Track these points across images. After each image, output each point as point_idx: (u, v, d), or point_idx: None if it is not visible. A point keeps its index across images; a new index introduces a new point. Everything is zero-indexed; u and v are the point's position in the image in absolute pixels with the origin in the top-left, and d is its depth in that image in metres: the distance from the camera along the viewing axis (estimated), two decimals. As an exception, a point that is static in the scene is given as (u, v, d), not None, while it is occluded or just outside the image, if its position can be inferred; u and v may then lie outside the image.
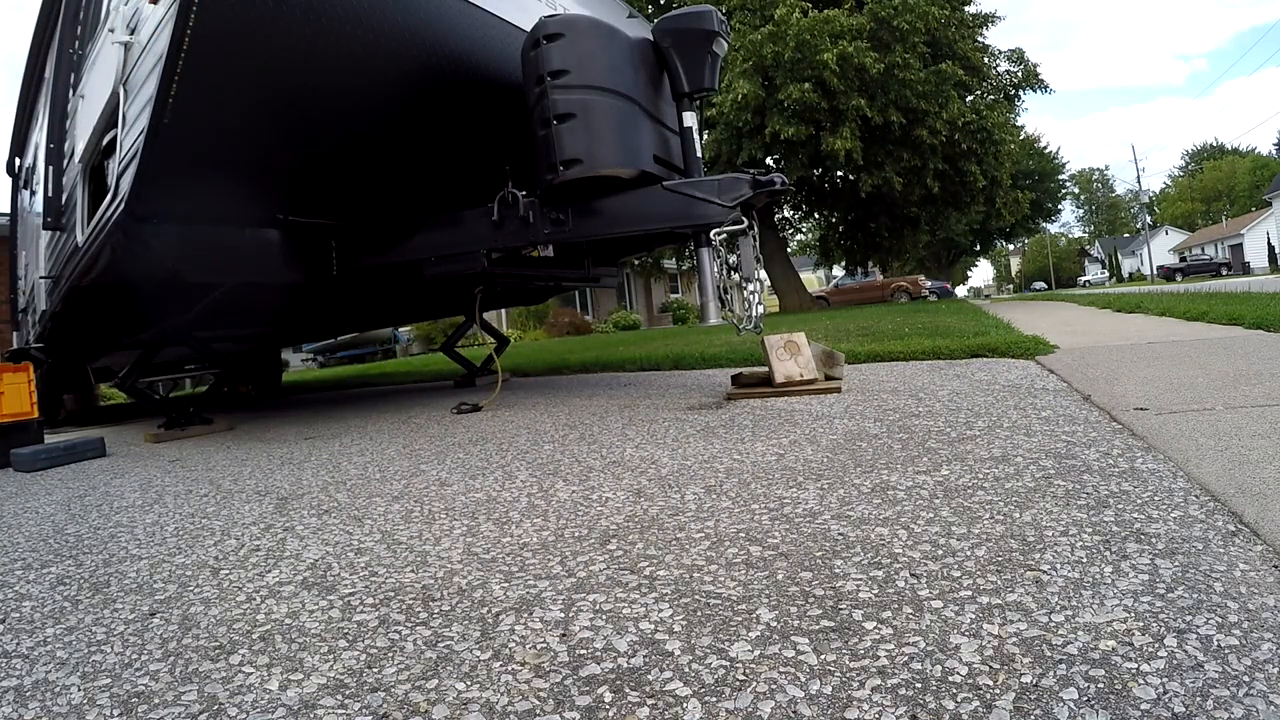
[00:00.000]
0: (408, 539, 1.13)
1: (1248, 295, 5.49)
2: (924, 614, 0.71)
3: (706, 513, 1.11)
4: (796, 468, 1.34)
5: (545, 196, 2.32)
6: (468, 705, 0.63)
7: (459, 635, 0.77)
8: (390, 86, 2.28)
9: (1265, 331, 3.12)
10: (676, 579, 0.86)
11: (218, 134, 2.11)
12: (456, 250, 2.51)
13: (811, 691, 0.60)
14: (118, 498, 1.73)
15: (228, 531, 1.29)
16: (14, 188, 5.11)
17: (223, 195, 2.27)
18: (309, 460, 1.97)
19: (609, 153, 2.15)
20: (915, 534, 0.93)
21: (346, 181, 2.60)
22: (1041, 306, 8.98)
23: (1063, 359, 2.75)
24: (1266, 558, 0.78)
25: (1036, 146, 32.70)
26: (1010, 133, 13.94)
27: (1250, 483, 1.02)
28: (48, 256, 3.63)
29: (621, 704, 0.61)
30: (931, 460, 1.30)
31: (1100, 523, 0.91)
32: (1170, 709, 0.53)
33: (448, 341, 4.68)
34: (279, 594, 0.94)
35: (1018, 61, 15.17)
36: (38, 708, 0.70)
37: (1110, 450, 1.27)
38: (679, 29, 2.34)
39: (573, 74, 2.13)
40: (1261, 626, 0.63)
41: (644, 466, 1.47)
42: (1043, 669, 0.60)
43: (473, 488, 1.43)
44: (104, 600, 0.99)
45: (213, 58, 1.85)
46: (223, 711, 0.66)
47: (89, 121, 2.69)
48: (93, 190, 2.69)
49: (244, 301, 2.84)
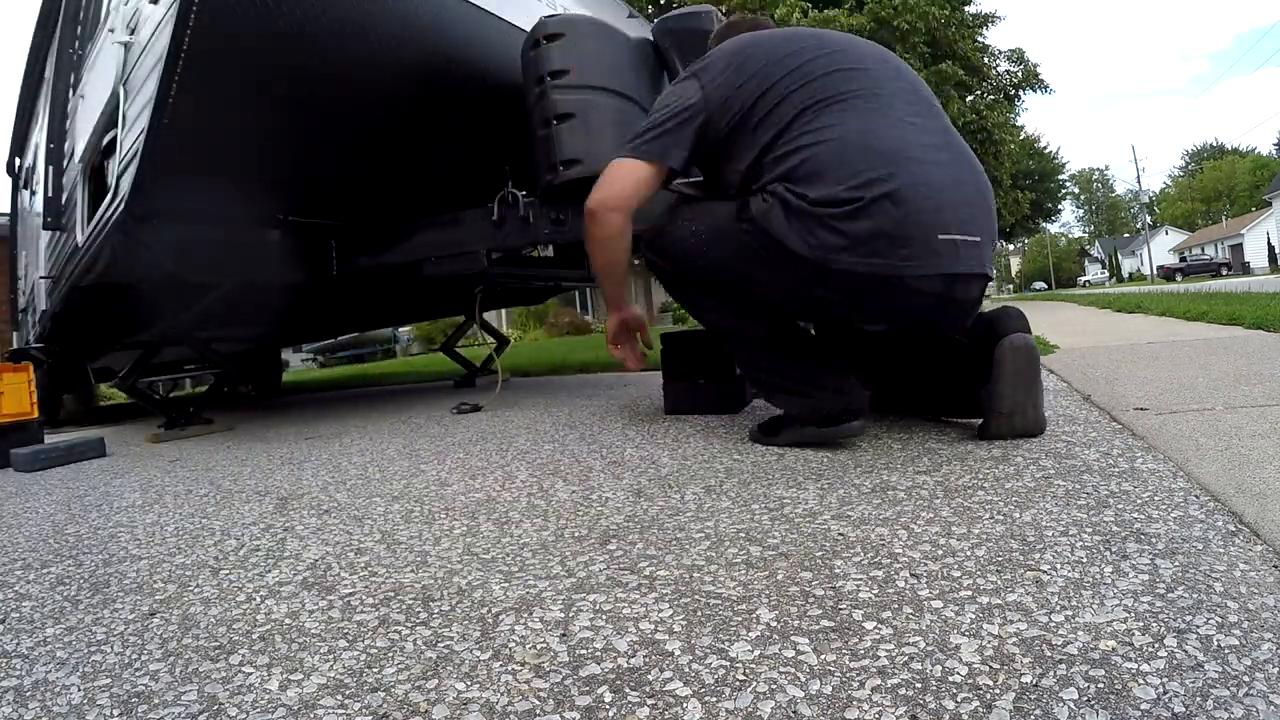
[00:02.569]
0: (408, 539, 1.13)
1: (1248, 295, 5.49)
2: (924, 614, 0.71)
3: (706, 512, 1.11)
4: (796, 467, 1.34)
5: (545, 196, 2.31)
6: (468, 705, 0.63)
7: (459, 635, 0.77)
8: (391, 86, 2.28)
9: (1265, 331, 3.13)
10: (676, 579, 0.86)
11: (218, 134, 2.11)
12: (456, 250, 2.50)
13: (811, 691, 0.60)
14: (118, 498, 1.73)
15: (228, 531, 1.29)
16: (14, 188, 5.11)
17: (223, 195, 2.27)
18: (309, 460, 1.97)
19: (609, 152, 2.13)
20: (915, 534, 0.93)
21: (347, 181, 2.60)
22: (1041, 306, 8.99)
23: (1063, 359, 2.75)
24: (1266, 558, 0.78)
25: (1036, 146, 32.69)
26: (1010, 133, 13.95)
27: (1250, 483, 1.02)
28: (48, 256, 3.63)
29: (621, 704, 0.61)
30: (932, 460, 1.30)
31: (1100, 523, 0.92)
32: (1170, 709, 0.53)
33: (448, 341, 4.68)
34: (279, 594, 0.94)
35: (1018, 61, 15.18)
36: (38, 708, 0.71)
37: (1110, 450, 1.27)
38: (679, 29, 2.34)
39: (573, 74, 2.13)
40: (1261, 626, 0.63)
41: (644, 466, 1.47)
42: (1043, 669, 0.60)
43: (473, 488, 1.43)
44: (104, 600, 0.99)
45: (213, 58, 1.85)
46: (222, 711, 0.66)
47: (89, 121, 2.69)
48: (93, 190, 2.69)
49: (244, 301, 2.84)
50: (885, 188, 1.26)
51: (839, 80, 1.40)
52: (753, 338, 1.55)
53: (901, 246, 1.27)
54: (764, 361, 1.55)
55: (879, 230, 1.27)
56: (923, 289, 1.31)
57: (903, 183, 1.27)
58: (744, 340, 1.58)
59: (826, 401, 1.46)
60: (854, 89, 1.39)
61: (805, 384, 1.48)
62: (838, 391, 1.47)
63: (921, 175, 1.29)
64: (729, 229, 1.45)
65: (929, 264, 1.29)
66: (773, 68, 1.43)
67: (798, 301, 1.48)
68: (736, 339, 1.60)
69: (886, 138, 1.33)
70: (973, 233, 1.33)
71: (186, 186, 2.15)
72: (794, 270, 1.36)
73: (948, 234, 1.29)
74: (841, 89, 1.38)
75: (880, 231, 1.27)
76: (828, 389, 1.47)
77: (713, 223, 1.50)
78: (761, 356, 1.55)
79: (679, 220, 1.58)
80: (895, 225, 1.26)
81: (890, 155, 1.30)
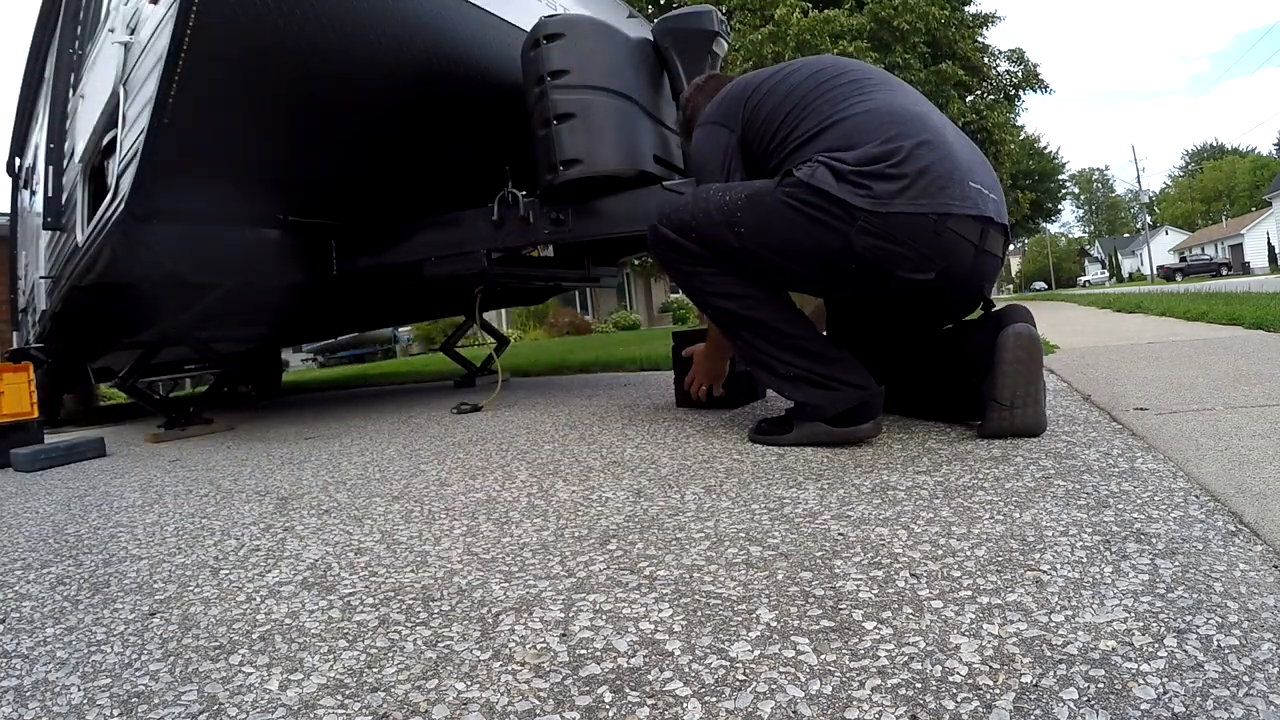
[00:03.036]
0: (408, 539, 1.13)
1: (1248, 295, 5.49)
2: (924, 614, 0.71)
3: (706, 512, 1.11)
4: (796, 467, 1.34)
5: (545, 196, 2.32)
6: (468, 705, 0.63)
7: (459, 635, 0.77)
8: (391, 86, 2.28)
9: (1265, 331, 3.13)
10: (676, 579, 0.86)
11: (218, 134, 2.11)
12: (456, 250, 2.50)
13: (811, 691, 0.60)
14: (118, 498, 1.73)
15: (228, 531, 1.29)
16: (14, 188, 5.11)
17: (223, 195, 2.27)
18: (309, 460, 1.97)
19: (609, 152, 2.15)
20: (915, 534, 0.93)
21: (347, 181, 2.60)
22: (1041, 306, 8.98)
23: (1063, 359, 2.76)
24: (1266, 558, 0.78)
25: (1036, 146, 32.69)
26: (1010, 133, 13.95)
27: (1250, 483, 1.02)
28: (48, 256, 3.63)
29: (621, 704, 0.61)
30: (932, 460, 1.30)
31: (1100, 523, 0.92)
32: (1170, 709, 0.53)
33: (448, 341, 4.68)
34: (279, 594, 0.94)
35: (1018, 61, 15.18)
36: (38, 707, 0.71)
37: (1110, 450, 1.27)
38: (679, 29, 2.34)
39: (573, 74, 2.13)
40: (1261, 626, 0.63)
41: (644, 466, 1.47)
42: (1043, 669, 0.60)
43: (473, 488, 1.43)
44: (104, 600, 0.99)
45: (212, 58, 1.85)
46: (222, 711, 0.66)
47: (89, 121, 2.69)
48: (93, 190, 2.69)
49: (244, 301, 2.84)
50: (920, 137, 1.38)
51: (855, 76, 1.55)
52: (773, 329, 1.53)
53: (944, 187, 1.36)
54: (783, 353, 1.52)
55: (924, 169, 1.36)
56: (965, 234, 1.39)
57: (932, 136, 1.40)
58: (762, 331, 1.54)
59: (847, 394, 1.46)
60: (873, 81, 1.54)
61: (827, 376, 1.48)
62: (858, 385, 1.46)
63: (942, 137, 1.42)
64: (767, 196, 1.47)
65: (967, 204, 1.37)
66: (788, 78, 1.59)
67: (831, 262, 1.44)
68: (754, 328, 1.55)
69: (909, 108, 1.46)
70: (987, 187, 1.43)
71: (186, 186, 2.15)
72: (840, 224, 1.38)
73: (975, 182, 1.40)
74: (860, 80, 1.53)
75: (925, 170, 1.36)
76: (849, 382, 1.47)
77: (749, 192, 1.50)
78: (781, 348, 1.53)
79: (706, 192, 1.57)
80: (936, 165, 1.36)
81: (915, 118, 1.43)
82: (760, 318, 1.54)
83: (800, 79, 1.56)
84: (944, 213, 1.35)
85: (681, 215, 1.59)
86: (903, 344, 1.69)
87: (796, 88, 1.55)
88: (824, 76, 1.54)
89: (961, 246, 1.40)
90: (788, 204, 1.42)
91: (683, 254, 1.60)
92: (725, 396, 2.12)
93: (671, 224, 1.61)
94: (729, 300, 1.57)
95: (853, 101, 1.47)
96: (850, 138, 1.41)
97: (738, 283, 1.55)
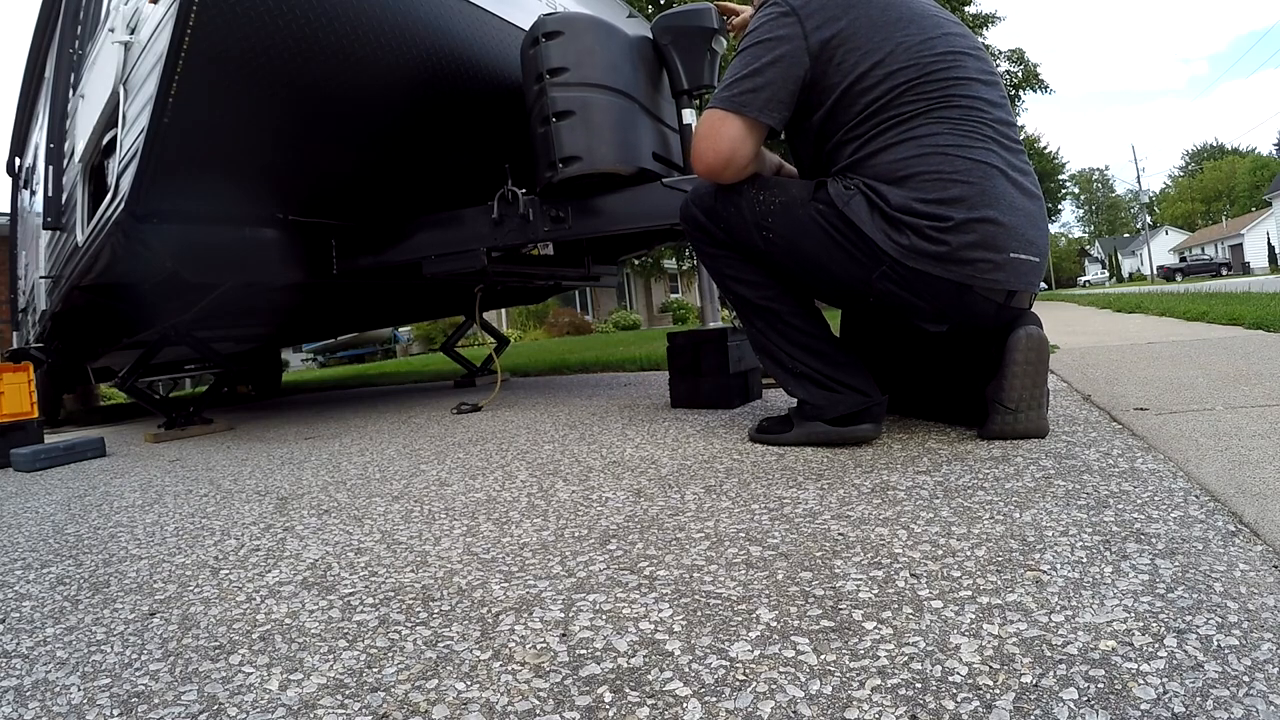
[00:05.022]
0: (408, 539, 1.13)
1: (1248, 295, 5.49)
2: (924, 614, 0.71)
3: (706, 512, 1.11)
4: (796, 467, 1.34)
5: (545, 194, 2.32)
6: (468, 705, 0.63)
7: (459, 635, 0.77)
8: (390, 85, 2.28)
9: (1265, 331, 3.13)
10: (676, 579, 0.86)
11: (218, 134, 2.11)
12: (456, 249, 2.50)
13: (811, 691, 0.60)
14: (118, 498, 1.73)
15: (228, 531, 1.29)
16: (14, 188, 5.11)
17: (223, 195, 2.27)
18: (309, 460, 1.97)
19: (608, 150, 2.15)
20: (915, 534, 0.93)
21: (346, 181, 2.60)
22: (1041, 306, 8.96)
23: (1063, 359, 2.76)
24: (1266, 558, 0.78)
25: (1037, 146, 32.69)
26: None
27: (1250, 483, 1.02)
28: (48, 256, 3.63)
29: (621, 704, 0.61)
30: (932, 460, 1.30)
31: (1100, 523, 0.91)
32: (1170, 709, 0.53)
33: (448, 341, 4.68)
34: (279, 594, 0.94)
35: (1018, 62, 15.17)
36: (38, 707, 0.70)
37: (1110, 450, 1.27)
38: (678, 26, 2.34)
39: (572, 71, 2.13)
40: (1261, 626, 0.63)
41: (644, 466, 1.47)
42: (1043, 669, 0.60)
43: (473, 488, 1.43)
44: (104, 600, 0.99)
45: (213, 58, 1.85)
46: (222, 711, 0.66)
47: (89, 121, 2.69)
48: (93, 190, 2.69)
49: (244, 301, 2.85)
50: (980, 213, 1.32)
51: (942, 70, 1.37)
52: (787, 323, 1.53)
53: (981, 261, 1.32)
54: (793, 349, 1.53)
55: (971, 243, 1.31)
56: (991, 297, 1.37)
57: (994, 209, 1.32)
58: (776, 324, 1.55)
59: (849, 398, 1.46)
60: (954, 87, 1.37)
61: (831, 378, 1.48)
62: (862, 392, 1.47)
63: (1008, 199, 1.34)
64: (802, 205, 1.44)
65: (998, 279, 1.34)
66: (893, 36, 1.37)
67: (851, 290, 1.45)
68: (769, 319, 1.56)
69: (977, 156, 1.34)
70: (1035, 254, 1.38)
71: (186, 186, 2.15)
72: (865, 261, 1.37)
73: (1019, 254, 1.35)
74: (946, 79, 1.36)
75: (972, 244, 1.31)
76: (853, 388, 1.47)
77: (784, 196, 1.47)
78: (791, 343, 1.53)
79: (742, 186, 1.53)
80: (987, 241, 1.32)
81: (983, 177, 1.33)
82: (776, 310, 1.55)
83: (907, 46, 1.35)
84: (968, 285, 1.33)
85: (715, 203, 1.57)
86: (910, 344, 1.69)
87: (891, 71, 1.35)
88: (928, 54, 1.36)
89: (984, 306, 1.37)
90: (818, 221, 1.41)
91: (709, 237, 1.60)
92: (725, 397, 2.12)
93: (703, 207, 1.60)
94: (748, 288, 1.57)
95: (924, 121, 1.34)
96: (902, 170, 1.33)
97: (759, 273, 1.55)
